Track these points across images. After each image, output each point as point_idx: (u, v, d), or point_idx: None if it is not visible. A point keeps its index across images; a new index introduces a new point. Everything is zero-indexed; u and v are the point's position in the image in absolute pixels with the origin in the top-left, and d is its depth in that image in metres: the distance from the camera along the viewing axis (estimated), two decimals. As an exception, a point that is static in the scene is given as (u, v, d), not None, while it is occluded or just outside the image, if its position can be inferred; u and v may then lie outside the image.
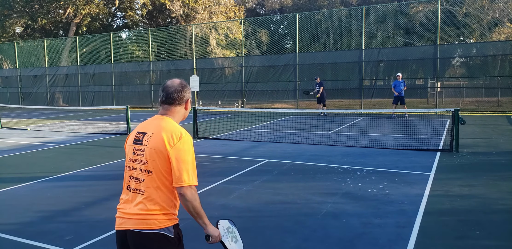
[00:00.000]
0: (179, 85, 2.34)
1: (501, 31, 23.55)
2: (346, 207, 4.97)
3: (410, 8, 23.91)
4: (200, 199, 2.22)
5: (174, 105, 2.33)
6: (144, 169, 2.21)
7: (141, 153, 2.23)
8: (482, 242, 3.86)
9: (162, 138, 2.16)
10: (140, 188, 2.21)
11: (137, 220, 2.17)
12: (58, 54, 29.63)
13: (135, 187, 2.23)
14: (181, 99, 2.33)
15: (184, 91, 2.34)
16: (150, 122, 2.33)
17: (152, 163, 2.18)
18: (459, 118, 8.44)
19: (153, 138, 2.21)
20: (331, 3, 35.70)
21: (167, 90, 2.33)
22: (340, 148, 9.17)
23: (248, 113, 19.41)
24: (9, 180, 6.81)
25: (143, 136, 2.26)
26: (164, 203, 2.20)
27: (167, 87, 2.34)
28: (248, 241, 4.00)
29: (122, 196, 2.31)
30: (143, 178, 2.21)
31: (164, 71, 24.56)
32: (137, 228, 2.16)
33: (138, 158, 2.24)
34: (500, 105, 17.96)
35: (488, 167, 7.02)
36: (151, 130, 2.25)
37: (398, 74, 15.79)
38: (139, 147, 2.25)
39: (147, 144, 2.22)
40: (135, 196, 2.22)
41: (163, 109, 2.36)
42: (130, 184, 2.27)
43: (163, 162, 2.16)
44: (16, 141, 11.41)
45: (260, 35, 29.31)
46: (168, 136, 2.17)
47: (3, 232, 4.37)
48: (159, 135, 2.19)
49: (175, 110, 2.34)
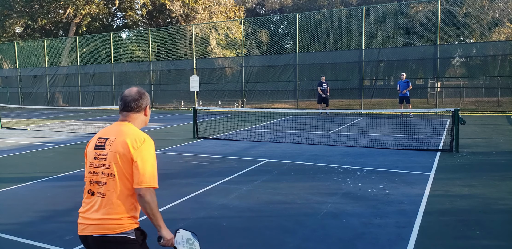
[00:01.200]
0: (136, 94, 2.41)
1: (501, 31, 23.55)
2: (346, 207, 4.97)
3: (410, 8, 23.92)
4: (200, 199, 2.25)
5: (133, 113, 2.41)
6: (107, 172, 2.26)
7: (104, 157, 2.28)
8: (482, 242, 3.86)
9: (125, 142, 2.25)
10: (102, 191, 2.26)
11: (97, 225, 2.22)
12: (58, 54, 29.63)
13: (97, 190, 2.28)
14: (139, 107, 2.41)
15: (142, 99, 2.41)
16: (111, 128, 2.40)
17: (115, 166, 2.24)
18: (459, 118, 8.43)
19: (115, 142, 2.28)
20: (331, 3, 35.71)
21: (125, 100, 2.39)
22: (340, 148, 9.17)
23: (248, 113, 19.41)
24: (9, 180, 6.81)
25: (105, 141, 2.32)
26: (124, 206, 2.25)
27: (125, 96, 2.41)
28: (248, 241, 4.01)
29: (84, 200, 2.35)
30: (105, 181, 2.26)
31: (164, 71, 24.57)
32: (97, 233, 2.22)
33: (101, 162, 2.29)
34: (500, 105, 17.96)
35: (488, 167, 7.02)
36: (113, 135, 2.32)
37: (402, 74, 15.84)
38: (101, 151, 2.30)
39: (109, 148, 2.28)
40: (97, 199, 2.27)
41: (122, 116, 2.43)
42: (91, 188, 2.31)
43: (126, 165, 2.23)
44: (16, 141, 11.41)
45: (260, 35, 29.31)
46: (131, 139, 2.26)
47: (3, 232, 4.37)
48: (122, 138, 2.27)
49: (134, 117, 2.42)
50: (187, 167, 7.54)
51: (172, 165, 7.69)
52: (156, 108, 24.28)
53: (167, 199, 5.41)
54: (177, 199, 5.40)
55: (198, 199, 5.39)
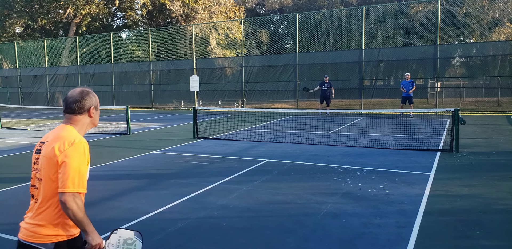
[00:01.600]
0: (78, 95, 2.30)
1: (501, 31, 23.55)
2: (346, 207, 4.97)
3: (410, 8, 23.92)
4: (200, 199, 2.24)
5: (75, 115, 2.31)
6: (38, 177, 2.22)
7: (38, 162, 2.24)
8: (482, 242, 3.86)
9: (53, 145, 2.17)
10: (36, 196, 2.22)
11: (25, 230, 2.18)
12: (58, 54, 29.63)
13: (33, 193, 2.25)
14: (81, 108, 2.30)
15: (84, 101, 2.30)
16: (52, 132, 2.33)
17: (42, 171, 2.18)
18: (459, 118, 8.44)
19: (46, 145, 2.22)
20: (331, 3, 35.71)
21: (67, 101, 2.31)
22: (340, 148, 9.17)
23: (248, 113, 19.41)
24: (9, 180, 6.81)
25: (43, 145, 2.26)
26: (51, 212, 2.16)
27: (67, 98, 2.32)
28: (248, 241, 4.01)
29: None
30: (37, 186, 2.21)
31: (164, 71, 24.57)
32: (23, 238, 2.18)
33: (36, 166, 2.25)
34: (500, 105, 17.96)
35: (488, 167, 7.02)
36: (49, 139, 2.26)
37: (407, 74, 15.91)
38: (38, 155, 2.26)
39: (42, 152, 2.22)
40: (33, 204, 2.23)
41: (65, 119, 2.35)
42: (31, 191, 2.28)
43: (51, 169, 2.15)
44: (16, 141, 11.41)
45: (260, 35, 29.31)
46: (60, 142, 2.17)
47: (3, 232, 4.38)
48: (53, 142, 2.20)
49: (77, 119, 2.32)
50: (187, 167, 7.54)
51: (172, 165, 7.70)
52: (156, 108, 24.29)
53: (167, 199, 5.41)
54: (177, 199, 5.41)
55: (198, 199, 5.39)
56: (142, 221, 4.61)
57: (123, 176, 6.92)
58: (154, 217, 4.75)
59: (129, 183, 6.34)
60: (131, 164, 7.89)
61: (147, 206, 5.14)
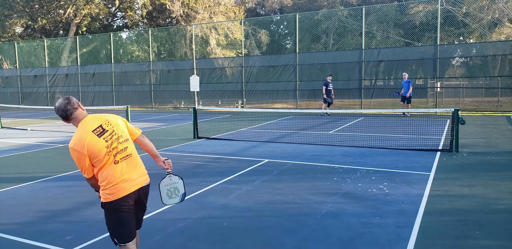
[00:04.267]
0: (63, 104, 2.90)
1: (501, 31, 23.54)
2: (346, 207, 4.98)
3: (410, 8, 23.92)
4: (200, 199, 2.27)
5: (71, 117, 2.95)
6: (125, 145, 3.14)
7: (113, 134, 3.06)
8: (482, 242, 3.86)
9: (116, 119, 3.15)
10: (127, 157, 3.14)
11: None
12: (58, 54, 29.63)
13: (121, 159, 3.10)
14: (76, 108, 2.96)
15: (70, 105, 2.92)
16: (98, 117, 3.06)
17: (124, 136, 3.15)
18: (459, 118, 8.44)
19: (109, 123, 3.04)
20: (331, 3, 35.71)
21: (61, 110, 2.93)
22: (340, 148, 9.18)
23: (248, 113, 19.41)
24: (9, 180, 6.81)
25: (103, 127, 3.00)
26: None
27: (57, 110, 2.92)
28: (248, 241, 4.01)
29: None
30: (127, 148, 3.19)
31: (164, 71, 24.56)
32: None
33: (115, 138, 3.07)
34: (500, 105, 17.96)
35: (488, 167, 7.02)
36: (108, 119, 3.10)
37: (404, 74, 16.07)
38: (107, 134, 3.01)
39: (113, 128, 3.06)
40: (126, 164, 3.10)
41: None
42: (120, 159, 3.08)
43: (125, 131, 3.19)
44: (16, 141, 11.41)
45: (260, 35, 29.31)
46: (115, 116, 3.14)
47: (3, 232, 4.38)
48: (112, 118, 3.10)
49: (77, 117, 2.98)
50: (187, 167, 7.54)
51: (172, 165, 7.68)
52: (156, 108, 24.29)
53: (167, 199, 5.41)
54: (177, 199, 5.40)
55: (198, 199, 5.39)
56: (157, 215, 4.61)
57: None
58: (154, 217, 4.75)
59: (129, 183, 6.33)
60: (131, 164, 7.88)
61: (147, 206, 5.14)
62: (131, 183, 2.91)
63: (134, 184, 2.93)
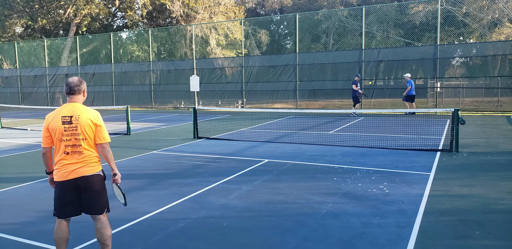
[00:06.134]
0: (78, 81, 3.52)
1: (501, 31, 23.55)
2: (346, 207, 4.98)
3: (410, 8, 23.93)
4: (200, 199, 2.26)
5: (77, 95, 3.53)
6: (80, 138, 3.50)
7: (76, 128, 3.45)
8: (482, 242, 3.86)
9: (88, 116, 3.48)
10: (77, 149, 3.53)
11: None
12: (58, 54, 29.63)
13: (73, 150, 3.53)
14: (80, 90, 3.54)
15: (83, 84, 3.55)
16: (69, 108, 3.50)
17: (84, 133, 3.49)
18: (459, 118, 8.44)
19: (78, 117, 3.44)
20: (331, 3, 35.71)
21: (70, 85, 3.49)
22: (340, 148, 9.18)
23: (248, 113, 19.41)
24: (9, 180, 6.81)
25: (71, 118, 3.41)
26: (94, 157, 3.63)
27: (69, 83, 3.49)
28: (248, 241, 4.01)
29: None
30: (80, 143, 3.54)
31: (164, 71, 24.57)
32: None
33: (73, 132, 3.45)
34: (500, 105, 17.97)
35: (488, 167, 7.02)
36: (76, 112, 3.47)
37: (407, 74, 16.72)
38: (70, 125, 3.43)
39: (79, 121, 3.44)
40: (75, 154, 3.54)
41: (70, 98, 3.51)
42: (68, 149, 3.51)
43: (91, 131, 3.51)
44: (16, 141, 11.41)
45: (260, 35, 29.32)
46: (91, 114, 3.52)
47: (3, 232, 4.38)
48: (84, 114, 3.47)
49: (79, 98, 3.56)
50: (187, 167, 7.54)
51: (172, 165, 7.70)
52: (156, 108, 24.29)
53: (167, 199, 5.41)
54: (177, 199, 5.41)
55: (198, 199, 5.39)
56: (142, 221, 4.61)
57: (123, 176, 6.91)
58: (154, 217, 4.76)
59: (129, 183, 6.34)
60: (131, 164, 7.89)
61: (147, 206, 5.15)
62: (68, 172, 3.38)
63: (71, 173, 3.37)
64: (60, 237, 3.45)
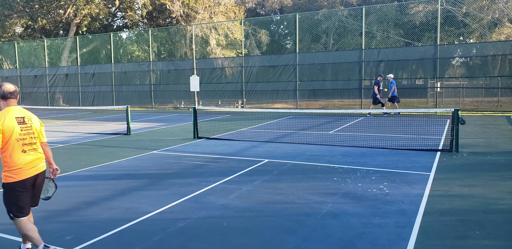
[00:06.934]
0: (15, 87, 3.77)
1: (501, 31, 23.55)
2: (346, 207, 4.98)
3: (410, 8, 23.92)
4: (200, 199, 2.27)
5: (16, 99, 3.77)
6: (34, 136, 3.83)
7: (31, 127, 3.76)
8: (482, 242, 3.87)
9: (35, 119, 3.83)
10: (34, 145, 3.85)
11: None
12: (58, 54, 29.63)
13: (31, 148, 3.82)
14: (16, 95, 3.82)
15: (16, 93, 3.77)
16: (21, 110, 3.74)
17: (36, 133, 3.82)
18: (459, 118, 8.44)
19: (30, 119, 3.76)
20: (331, 3, 35.70)
21: (14, 91, 3.72)
22: (340, 148, 9.18)
23: (248, 113, 19.41)
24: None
25: (24, 118, 3.68)
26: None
27: (12, 89, 3.72)
28: (248, 241, 4.01)
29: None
30: (34, 141, 3.87)
31: (164, 71, 24.57)
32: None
33: (29, 131, 3.73)
34: (500, 105, 17.97)
35: (488, 167, 7.02)
36: (27, 115, 3.75)
37: (390, 75, 17.04)
38: (26, 125, 3.68)
39: (32, 122, 3.76)
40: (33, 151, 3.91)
41: (14, 102, 3.72)
42: (26, 148, 3.77)
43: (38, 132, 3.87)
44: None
45: (260, 35, 29.31)
46: (34, 117, 3.86)
47: (3, 232, 4.38)
48: (32, 117, 3.81)
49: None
50: (187, 167, 7.54)
51: (172, 165, 7.70)
52: (156, 108, 24.29)
53: (167, 199, 5.41)
54: (177, 199, 5.41)
55: (198, 199, 5.39)
56: (142, 221, 4.61)
57: (123, 176, 6.93)
58: (154, 217, 4.76)
59: (129, 183, 6.34)
60: (131, 164, 7.89)
61: (147, 206, 5.15)
62: (33, 169, 3.67)
63: (34, 169, 3.68)
64: (35, 230, 3.66)
